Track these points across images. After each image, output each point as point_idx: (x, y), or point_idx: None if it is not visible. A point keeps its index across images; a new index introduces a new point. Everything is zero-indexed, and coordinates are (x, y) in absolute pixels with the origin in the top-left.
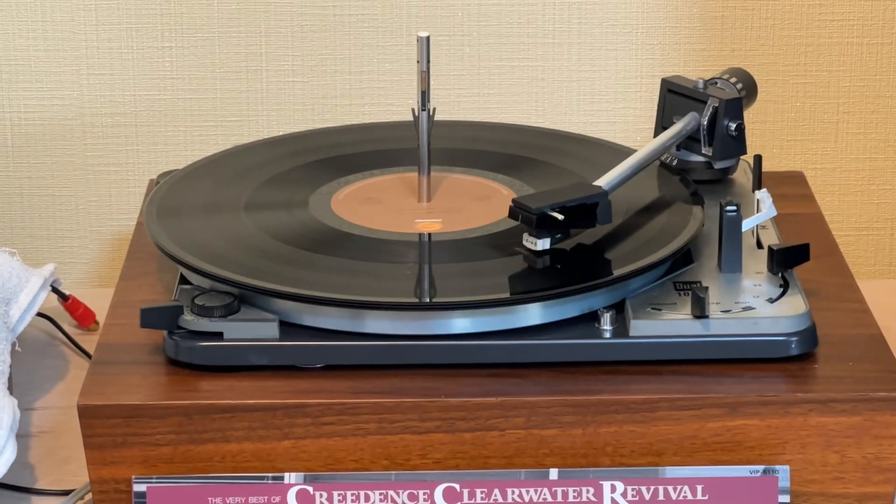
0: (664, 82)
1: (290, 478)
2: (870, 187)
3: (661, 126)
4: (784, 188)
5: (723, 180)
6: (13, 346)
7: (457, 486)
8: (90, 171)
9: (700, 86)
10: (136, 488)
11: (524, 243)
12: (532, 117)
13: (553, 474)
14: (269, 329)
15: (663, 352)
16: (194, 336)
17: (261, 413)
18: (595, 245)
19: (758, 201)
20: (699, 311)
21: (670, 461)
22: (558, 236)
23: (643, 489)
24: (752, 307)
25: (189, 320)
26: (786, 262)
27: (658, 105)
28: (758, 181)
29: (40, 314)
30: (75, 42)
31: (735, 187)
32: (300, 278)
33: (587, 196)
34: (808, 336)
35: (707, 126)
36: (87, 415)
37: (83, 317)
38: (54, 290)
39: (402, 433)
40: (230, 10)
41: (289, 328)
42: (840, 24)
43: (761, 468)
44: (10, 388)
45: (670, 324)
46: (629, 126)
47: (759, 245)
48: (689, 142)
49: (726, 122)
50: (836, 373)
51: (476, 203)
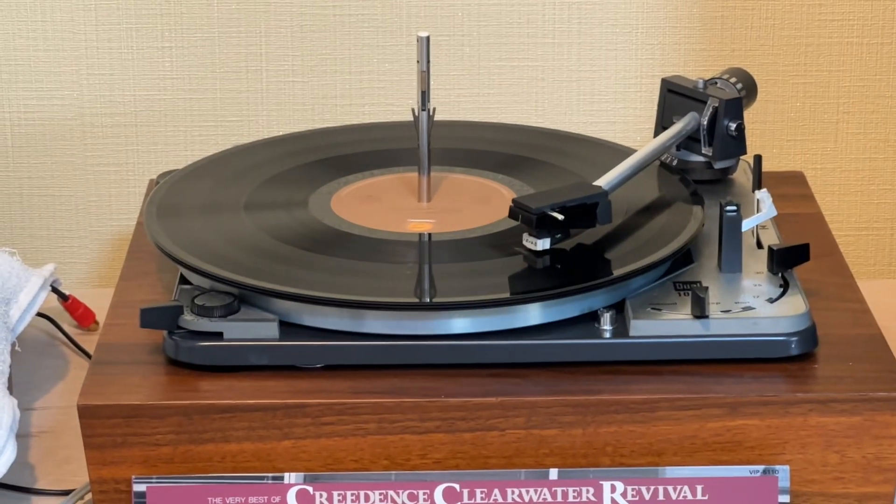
0: (664, 82)
1: (289, 478)
2: (870, 187)
3: (660, 126)
4: (784, 188)
5: (723, 180)
6: (13, 345)
7: (457, 486)
8: (90, 171)
9: (700, 86)
10: (135, 488)
11: (524, 243)
12: (532, 117)
13: (553, 474)
14: (269, 329)
15: (663, 352)
16: (194, 336)
17: (261, 413)
18: (595, 245)
19: (758, 201)
20: (699, 311)
21: (670, 461)
22: (558, 236)
23: (643, 489)
24: (752, 307)
25: (189, 320)
26: (786, 262)
27: (658, 105)
28: (758, 181)
29: (40, 314)
30: (75, 42)
31: (735, 187)
32: (300, 278)
33: (587, 196)
34: (808, 336)
35: (707, 126)
36: (87, 415)
37: (83, 317)
38: (54, 290)
39: (402, 433)
40: (230, 10)
41: (289, 328)
42: (840, 24)
43: (761, 468)
44: (10, 388)
45: (670, 324)
46: (629, 126)
47: (759, 245)
48: (689, 142)
49: (726, 122)
50: (836, 373)
51: (476, 203)
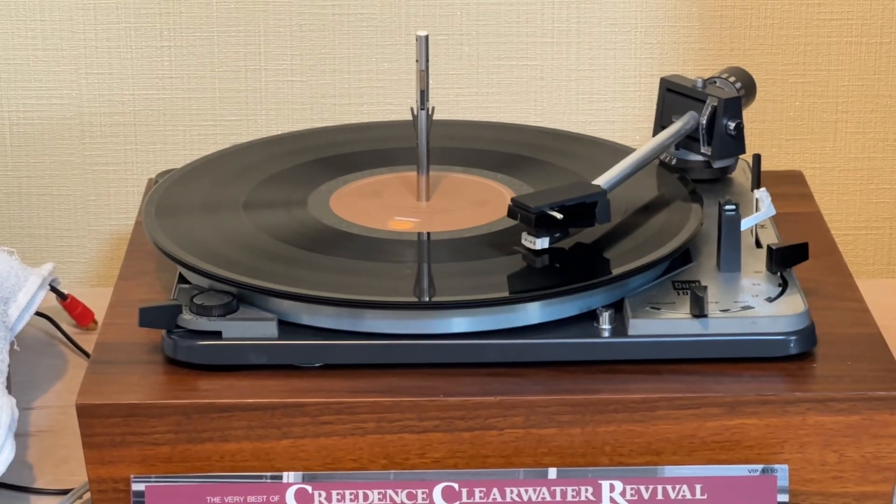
0: (663, 81)
1: (288, 477)
2: (868, 186)
3: (659, 125)
4: (783, 187)
5: (721, 179)
6: (12, 345)
7: (455, 486)
8: (89, 171)
9: (699, 85)
10: (134, 487)
11: (523, 242)
12: (531, 116)
13: (552, 473)
14: (268, 328)
15: (662, 351)
16: (193, 335)
17: (259, 412)
18: (594, 244)
19: (756, 200)
20: (698, 311)
21: (669, 460)
22: (557, 235)
23: (642, 488)
24: (751, 306)
25: (188, 319)
26: (784, 261)
27: (657, 104)
28: (756, 180)
29: (39, 313)
30: (74, 41)
31: (734, 186)
32: (299, 277)
33: (586, 195)
34: (807, 335)
35: (706, 125)
36: (86, 414)
37: (82, 316)
38: (53, 289)
39: (401, 432)
40: (229, 10)
41: (287, 327)
42: (839, 23)
43: (760, 467)
44: (9, 388)
45: (669, 323)
46: (628, 125)
47: (757, 244)
48: (687, 141)
49: (725, 122)
50: (835, 372)
51: (475, 202)
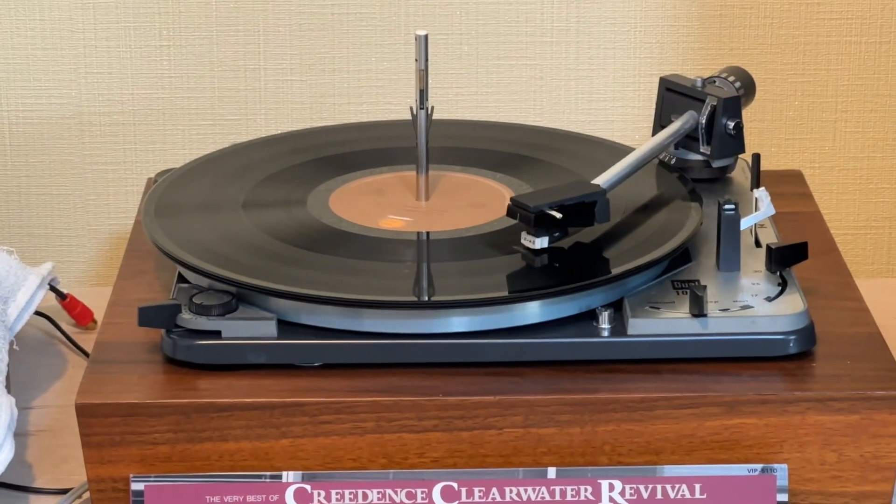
0: (662, 81)
1: (287, 476)
2: (868, 186)
3: (659, 125)
4: (782, 187)
5: (721, 179)
6: (11, 344)
7: (455, 485)
8: (88, 170)
9: (698, 84)
10: (133, 487)
11: (522, 242)
12: (530, 116)
13: (551, 473)
14: (267, 328)
15: (661, 350)
16: (192, 335)
17: (258, 412)
18: (593, 243)
19: (756, 200)
20: (697, 310)
21: (668, 460)
22: (556, 235)
23: (641, 488)
24: (751, 306)
25: (187, 319)
26: (784, 260)
27: (656, 103)
28: (756, 180)
29: (38, 313)
30: (73, 41)
31: (733, 186)
32: (298, 277)
33: (585, 194)
34: (807, 335)
35: (705, 124)
36: (85, 413)
37: (81, 315)
38: (52, 288)
39: (400, 432)
40: (228, 9)
41: (287, 327)
42: (838, 22)
43: (759, 467)
44: (8, 387)
45: (668, 322)
46: (627, 125)
47: (757, 244)
48: (687, 140)
49: (724, 121)
50: (835, 371)
51: (474, 202)
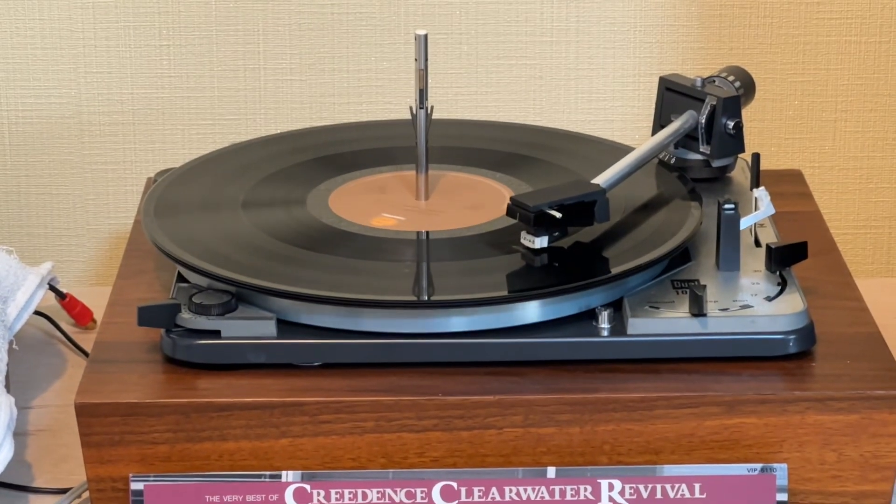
0: (662, 80)
1: (287, 476)
2: (868, 185)
3: (658, 124)
4: (782, 186)
5: (721, 178)
6: (10, 344)
7: (454, 485)
8: (88, 170)
9: (698, 84)
10: (133, 486)
11: (522, 241)
12: (530, 116)
13: (551, 473)
14: (267, 327)
15: (661, 350)
16: (192, 334)
17: (258, 411)
18: (593, 243)
19: (756, 199)
20: (697, 310)
21: (668, 459)
22: (556, 234)
23: (641, 487)
24: (750, 305)
25: (186, 318)
26: (784, 260)
27: (656, 103)
28: (756, 179)
29: (38, 312)
30: (73, 40)
31: (733, 185)
32: (298, 276)
33: (585, 194)
34: (806, 334)
35: (705, 124)
36: (85, 413)
37: (81, 315)
38: (52, 288)
39: (400, 431)
40: (228, 9)
41: (286, 326)
42: (838, 22)
43: (759, 466)
44: (8, 387)
45: (668, 322)
46: (627, 124)
47: (756, 243)
48: (687, 140)
49: (724, 121)
50: (834, 371)
51: (474, 201)
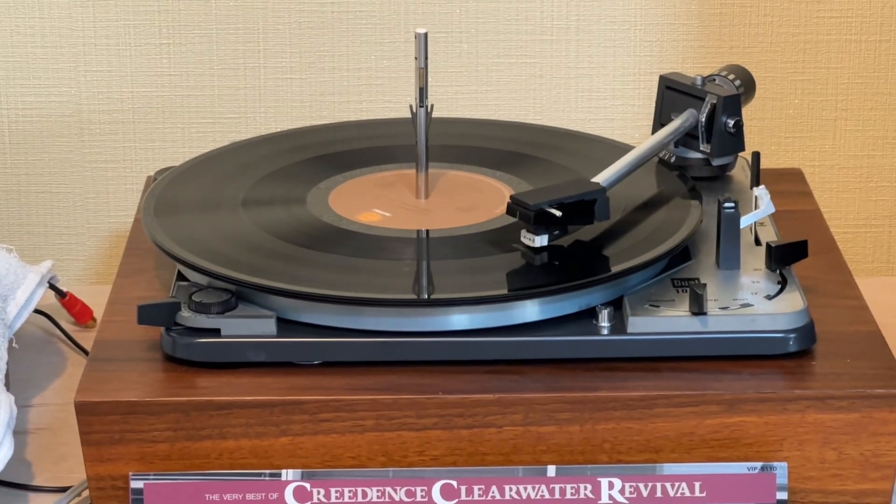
0: (662, 79)
1: (287, 474)
2: (868, 184)
3: (659, 123)
4: (782, 185)
5: (721, 177)
6: (10, 342)
7: (454, 483)
8: (87, 168)
9: (698, 83)
10: (133, 485)
11: (522, 240)
12: (530, 114)
13: (551, 471)
14: (267, 326)
15: (661, 349)
16: (192, 333)
17: (258, 410)
18: (593, 242)
19: (756, 198)
20: (697, 308)
21: (668, 458)
22: (556, 233)
23: (641, 486)
24: (751, 304)
25: (186, 317)
26: (784, 258)
27: (656, 102)
28: (756, 178)
29: (37, 311)
30: (73, 39)
31: (733, 184)
32: (298, 275)
33: (585, 193)
34: (806, 333)
35: (705, 123)
36: (85, 411)
37: (80, 313)
38: (51, 286)
39: (400, 430)
40: (228, 7)
41: (286, 325)
42: (838, 21)
43: (759, 465)
44: (8, 385)
45: (668, 321)
46: (627, 123)
47: (757, 242)
48: (687, 138)
49: (724, 119)
50: (834, 370)
51: (474, 200)
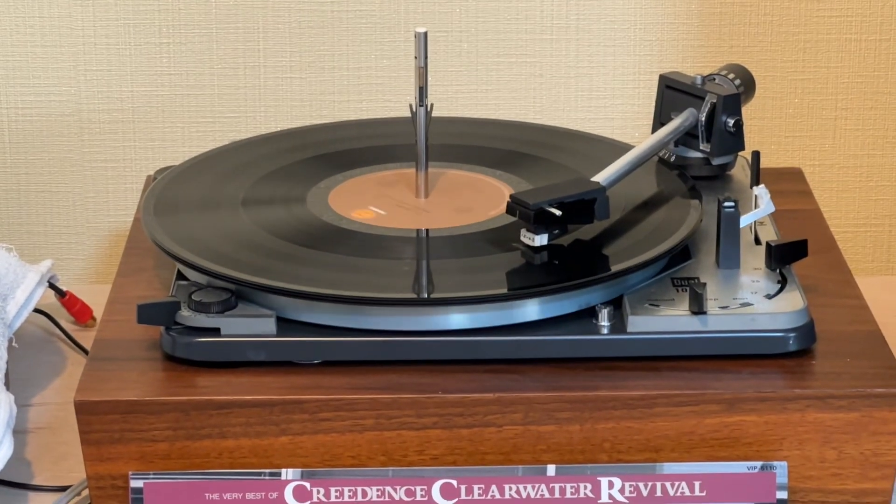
0: (662, 78)
1: (287, 474)
2: (868, 184)
3: (658, 122)
4: (782, 184)
5: (721, 176)
6: (10, 341)
7: (454, 483)
8: (87, 167)
9: (698, 82)
10: (132, 484)
11: (522, 239)
12: (530, 114)
13: (551, 470)
14: (267, 325)
15: (661, 348)
16: (191, 332)
17: (258, 409)
18: (593, 241)
19: (756, 197)
20: (697, 308)
21: (668, 457)
22: (556, 232)
23: (641, 485)
24: (750, 303)
25: (186, 316)
26: (784, 258)
27: (656, 101)
28: (756, 177)
29: (37, 310)
30: (73, 38)
31: (733, 183)
32: (298, 274)
33: (585, 192)
34: (806, 332)
35: (705, 122)
36: (84, 411)
37: (80, 313)
38: (51, 286)
39: (400, 429)
40: (227, 7)
41: (286, 324)
42: (838, 20)
43: (759, 464)
44: (7, 384)
45: (668, 320)
46: (627, 122)
47: (757, 241)
48: (687, 138)
49: (724, 118)
50: (834, 369)
51: (474, 199)
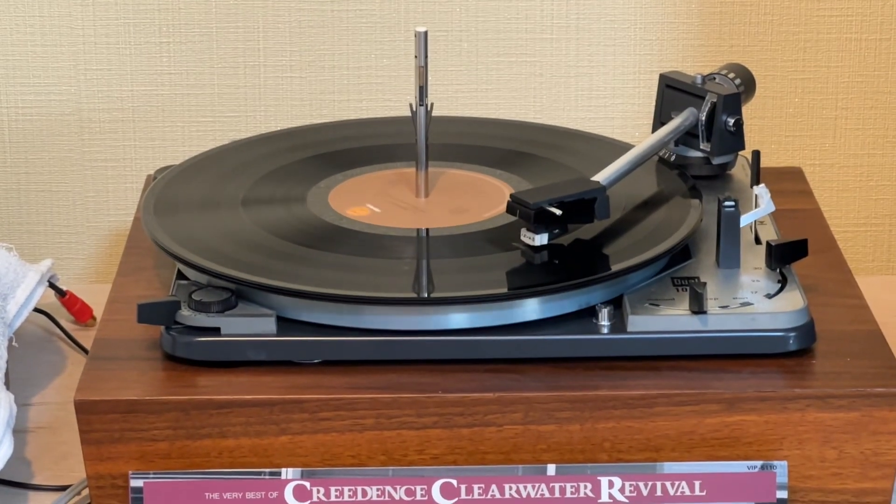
0: (662, 78)
1: (287, 473)
2: (868, 183)
3: (659, 121)
4: (782, 184)
5: (721, 176)
6: (10, 341)
7: (454, 482)
8: (87, 167)
9: (698, 81)
10: (132, 483)
11: (522, 238)
12: (530, 113)
13: (551, 470)
14: (267, 324)
15: (661, 347)
16: (191, 331)
17: (258, 408)
18: (593, 240)
19: (756, 197)
20: (697, 307)
21: (668, 457)
22: (556, 231)
23: (641, 485)
24: (751, 303)
25: (186, 316)
26: (784, 257)
27: (656, 100)
28: (756, 177)
29: (37, 310)
30: (73, 37)
31: (733, 183)
32: (298, 274)
33: (585, 191)
34: (806, 332)
35: (705, 121)
36: (84, 410)
37: (80, 312)
38: (51, 285)
39: (400, 429)
40: (227, 6)
41: (286, 323)
42: (838, 19)
43: (759, 464)
44: (8, 384)
45: (668, 319)
46: (627, 122)
47: (757, 241)
48: (687, 137)
49: (724, 118)
50: (834, 368)
51: (474, 198)
